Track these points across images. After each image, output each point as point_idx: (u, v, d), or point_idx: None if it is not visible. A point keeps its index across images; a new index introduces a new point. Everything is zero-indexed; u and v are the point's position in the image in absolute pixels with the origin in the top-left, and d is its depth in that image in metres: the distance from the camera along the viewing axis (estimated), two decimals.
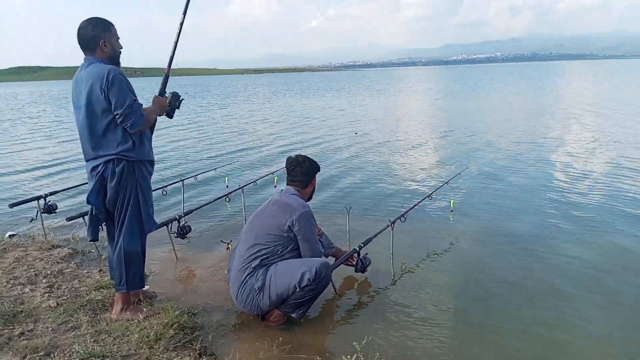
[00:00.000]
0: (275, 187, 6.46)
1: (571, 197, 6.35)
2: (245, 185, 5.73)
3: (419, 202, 5.02)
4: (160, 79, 3.44)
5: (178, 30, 3.36)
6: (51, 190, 5.66)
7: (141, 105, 3.08)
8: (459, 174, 6.42)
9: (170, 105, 3.34)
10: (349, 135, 13.09)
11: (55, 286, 3.79)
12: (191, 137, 13.61)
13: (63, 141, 13.73)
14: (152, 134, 3.34)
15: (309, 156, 3.64)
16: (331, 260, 3.76)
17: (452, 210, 5.49)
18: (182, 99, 3.46)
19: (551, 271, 4.13)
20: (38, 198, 5.23)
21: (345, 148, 11.02)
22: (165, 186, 5.76)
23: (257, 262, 3.23)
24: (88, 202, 3.13)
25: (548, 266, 4.23)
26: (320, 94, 36.84)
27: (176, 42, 3.35)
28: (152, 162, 3.29)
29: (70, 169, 9.38)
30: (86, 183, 6.03)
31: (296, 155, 3.62)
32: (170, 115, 3.39)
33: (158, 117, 3.35)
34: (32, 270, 4.11)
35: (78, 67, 3.15)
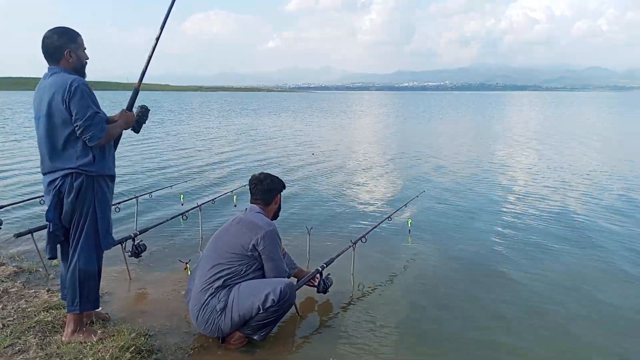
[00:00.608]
0: (235, 206, 6.37)
1: (519, 217, 6.67)
2: (203, 204, 5.63)
3: (379, 224, 5.07)
4: (110, 93, 3.35)
5: (153, 45, 3.29)
6: None
7: (103, 118, 2.98)
8: (417, 196, 6.54)
9: (138, 119, 3.26)
10: (305, 156, 13.14)
11: (0, 307, 3.56)
12: (145, 153, 13.27)
13: (9, 153, 13.07)
14: (115, 148, 3.23)
15: (272, 174, 3.61)
16: (294, 281, 3.72)
17: (410, 230, 5.57)
18: (149, 112, 3.38)
19: (501, 290, 4.27)
20: None
21: (302, 168, 11.04)
22: (119, 203, 5.57)
23: (219, 282, 3.15)
24: (47, 219, 2.98)
25: (504, 283, 4.41)
26: (276, 113, 36.94)
27: (150, 57, 3.28)
28: (112, 177, 3.18)
29: (18, 183, 8.90)
30: (34, 197, 5.80)
31: (259, 173, 3.57)
32: (136, 130, 3.30)
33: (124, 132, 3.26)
34: None
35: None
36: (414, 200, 6.39)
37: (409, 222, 5.53)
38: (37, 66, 3.00)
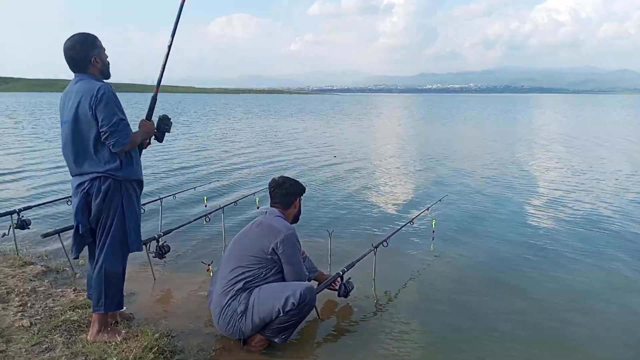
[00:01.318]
0: (257, 208, 6.40)
1: (546, 223, 6.53)
2: (225, 206, 5.67)
3: (401, 227, 5.04)
4: (135, 95, 3.40)
5: (167, 52, 3.33)
6: (25, 205, 5.50)
7: (128, 124, 3.03)
8: (440, 200, 6.49)
9: (158, 129, 3.31)
10: (328, 157, 13.15)
11: (29, 305, 3.65)
12: (170, 155, 13.45)
13: (38, 155, 13.39)
14: (140, 154, 3.29)
15: (291, 177, 3.62)
16: (314, 284, 3.73)
17: (434, 231, 5.51)
18: (171, 122, 3.42)
19: (533, 295, 4.20)
20: (11, 213, 5.07)
21: (324, 170, 11.05)
22: (144, 204, 5.65)
23: (240, 285, 3.17)
24: (75, 220, 3.05)
25: (527, 292, 4.30)
26: (298, 116, 37.04)
27: (164, 64, 3.32)
28: (140, 182, 3.23)
29: (46, 184, 9.11)
30: (62, 198, 5.93)
31: (278, 177, 3.59)
32: (159, 139, 3.35)
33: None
34: (3, 287, 3.94)
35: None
36: (437, 204, 6.34)
37: (433, 223, 5.46)
38: (65, 68, 3.05)
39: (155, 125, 3.30)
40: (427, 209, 5.88)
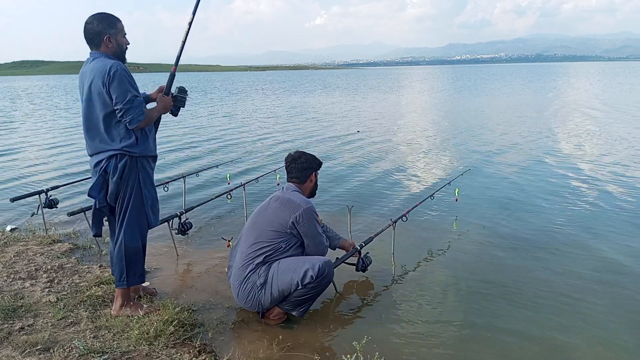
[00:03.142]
0: (277, 184, 6.44)
1: (577, 200, 6.31)
2: (246, 183, 5.73)
3: (421, 202, 4.99)
4: (164, 75, 3.43)
5: (187, 30, 3.34)
6: (53, 185, 5.67)
7: (142, 101, 3.07)
8: (462, 174, 6.39)
9: (175, 103, 3.33)
10: (351, 132, 13.08)
11: (56, 281, 3.79)
12: (194, 133, 13.60)
13: (65, 136, 13.74)
14: (156, 131, 3.33)
15: (307, 152, 3.62)
16: (340, 253, 3.78)
17: (456, 200, 5.43)
18: (187, 97, 3.44)
19: (554, 274, 4.10)
20: (39, 192, 5.24)
21: (347, 145, 11.02)
22: (167, 182, 5.77)
23: (260, 259, 3.22)
24: (90, 196, 3.13)
25: (551, 269, 4.21)
26: (323, 91, 36.82)
27: (184, 42, 3.33)
28: (155, 158, 3.29)
29: (72, 164, 9.39)
30: (88, 178, 6.08)
31: (294, 152, 3.61)
32: (174, 114, 3.38)
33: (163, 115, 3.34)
34: (32, 264, 4.10)
35: (81, 61, 3.15)
36: (459, 179, 6.24)
37: (456, 191, 5.34)
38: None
39: (172, 99, 3.33)
40: (449, 183, 5.81)
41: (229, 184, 6.50)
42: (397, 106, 23.23)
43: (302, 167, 3.51)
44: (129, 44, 3.20)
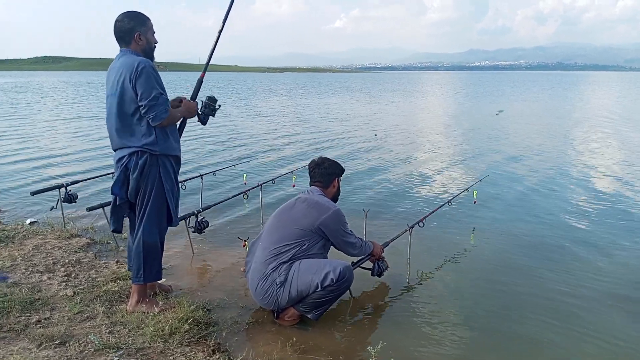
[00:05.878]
0: (293, 186, 6.44)
1: (597, 209, 6.21)
2: (263, 184, 5.73)
3: (438, 208, 4.95)
4: (183, 74, 3.45)
5: (216, 37, 3.37)
6: (72, 180, 5.73)
7: (167, 99, 3.09)
8: (480, 181, 6.32)
9: (202, 111, 3.36)
10: (368, 136, 13.04)
11: (73, 275, 3.82)
12: (211, 133, 13.65)
13: (86, 131, 13.91)
14: (181, 134, 3.34)
15: (330, 158, 3.65)
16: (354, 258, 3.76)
17: (475, 202, 5.44)
18: (219, 107, 3.45)
19: (572, 283, 4.03)
20: (59, 187, 5.29)
21: (363, 149, 10.98)
22: (184, 181, 5.77)
23: (285, 257, 3.21)
24: (112, 192, 3.15)
25: (569, 279, 4.13)
26: (341, 94, 36.80)
27: (213, 49, 3.36)
28: (177, 158, 3.30)
29: (92, 159, 9.49)
30: (108, 174, 6.14)
31: (318, 158, 3.67)
32: (204, 122, 3.41)
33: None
34: (50, 258, 4.15)
35: (104, 58, 3.18)
36: (477, 185, 6.17)
37: (475, 194, 5.32)
38: (116, 46, 3.15)
39: (198, 107, 3.35)
40: (467, 190, 5.75)
41: (245, 183, 6.52)
42: (415, 111, 23.08)
43: (326, 172, 3.55)
44: (157, 42, 3.23)
